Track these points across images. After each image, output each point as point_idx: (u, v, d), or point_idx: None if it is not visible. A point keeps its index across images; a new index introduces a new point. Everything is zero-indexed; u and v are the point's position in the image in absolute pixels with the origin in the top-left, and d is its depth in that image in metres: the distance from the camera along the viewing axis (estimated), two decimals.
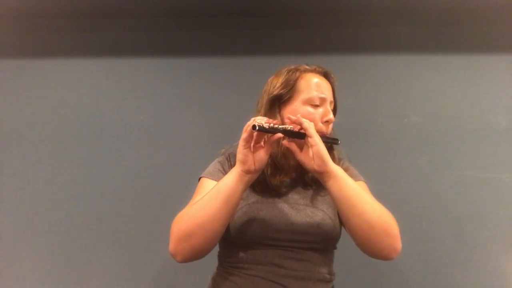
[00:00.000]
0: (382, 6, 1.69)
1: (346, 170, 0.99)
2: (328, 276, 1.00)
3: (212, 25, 1.77)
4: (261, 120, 0.88)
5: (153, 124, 1.73)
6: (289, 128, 0.92)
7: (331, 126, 1.05)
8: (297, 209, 0.99)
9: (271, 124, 0.89)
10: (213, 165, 1.08)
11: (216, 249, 1.03)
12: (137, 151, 1.71)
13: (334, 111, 1.08)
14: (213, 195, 0.90)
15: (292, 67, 1.08)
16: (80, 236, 1.65)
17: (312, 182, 1.05)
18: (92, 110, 1.74)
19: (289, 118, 0.98)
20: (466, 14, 1.70)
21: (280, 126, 0.91)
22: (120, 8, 1.73)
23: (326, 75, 1.08)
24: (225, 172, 1.04)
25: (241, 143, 0.89)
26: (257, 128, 0.85)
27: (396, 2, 1.67)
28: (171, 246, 0.90)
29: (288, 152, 1.02)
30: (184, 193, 1.05)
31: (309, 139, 0.91)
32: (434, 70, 1.69)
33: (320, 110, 1.02)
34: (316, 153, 0.90)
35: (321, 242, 0.98)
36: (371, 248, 0.92)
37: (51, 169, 1.70)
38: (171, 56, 1.77)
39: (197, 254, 0.91)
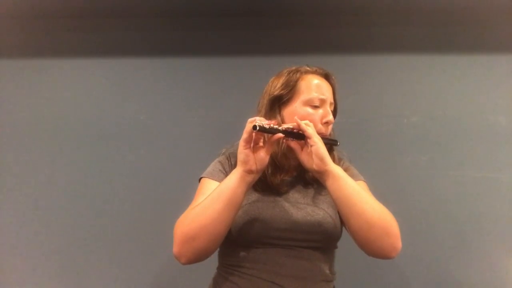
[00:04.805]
0: (382, 6, 1.69)
1: (346, 170, 0.99)
2: (329, 275, 1.00)
3: (212, 25, 1.77)
4: (260, 121, 0.88)
5: (153, 124, 1.73)
6: (289, 128, 0.92)
7: (330, 127, 1.05)
8: (298, 208, 0.99)
9: (271, 124, 0.89)
10: (214, 165, 1.08)
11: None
12: (137, 151, 1.71)
13: (334, 112, 1.09)
14: (215, 196, 0.90)
15: (293, 68, 1.08)
16: (80, 236, 1.65)
17: (313, 181, 1.05)
18: (92, 110, 1.74)
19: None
20: (466, 14, 1.70)
21: (280, 127, 0.91)
22: (120, 8, 1.73)
23: (326, 77, 1.08)
24: (225, 172, 1.04)
25: (241, 143, 0.90)
26: (257, 128, 0.85)
27: (396, 2, 1.67)
28: (175, 248, 0.90)
29: (288, 152, 1.02)
30: (184, 193, 1.05)
31: (308, 139, 0.92)
32: (434, 70, 1.69)
33: (320, 111, 1.03)
34: (315, 152, 0.91)
35: (322, 241, 0.99)
36: (371, 247, 0.92)
37: (51, 169, 1.70)
38: (171, 56, 1.77)
39: (201, 256, 0.91)
